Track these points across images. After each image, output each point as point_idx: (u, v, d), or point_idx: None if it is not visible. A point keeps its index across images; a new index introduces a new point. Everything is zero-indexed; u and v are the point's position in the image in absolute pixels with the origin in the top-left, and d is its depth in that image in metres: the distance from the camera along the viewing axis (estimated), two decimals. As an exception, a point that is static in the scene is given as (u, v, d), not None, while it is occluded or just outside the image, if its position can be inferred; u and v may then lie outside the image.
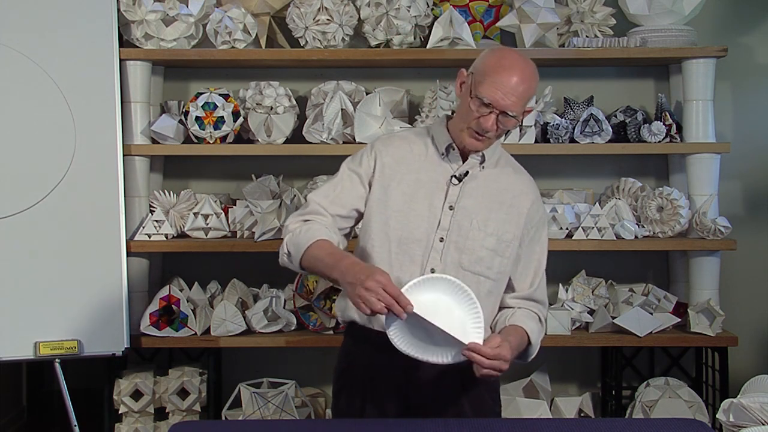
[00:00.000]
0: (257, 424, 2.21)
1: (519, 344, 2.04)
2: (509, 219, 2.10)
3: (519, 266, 2.14)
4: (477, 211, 2.07)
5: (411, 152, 2.12)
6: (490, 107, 1.98)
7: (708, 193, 3.30)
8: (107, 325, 3.04)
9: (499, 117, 1.99)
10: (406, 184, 2.09)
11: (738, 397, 1.98)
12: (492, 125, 1.99)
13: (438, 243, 2.06)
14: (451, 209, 2.07)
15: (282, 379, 3.35)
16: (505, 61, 2.00)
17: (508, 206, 2.11)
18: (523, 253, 2.14)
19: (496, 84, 1.97)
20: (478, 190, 2.09)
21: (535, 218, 2.15)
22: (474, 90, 2.00)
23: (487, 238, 2.07)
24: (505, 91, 1.97)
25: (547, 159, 3.46)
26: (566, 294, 3.30)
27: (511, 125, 2.04)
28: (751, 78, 3.56)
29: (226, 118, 3.24)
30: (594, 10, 3.35)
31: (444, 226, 2.06)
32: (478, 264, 2.06)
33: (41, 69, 3.04)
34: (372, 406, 2.11)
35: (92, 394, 3.29)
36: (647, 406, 3.23)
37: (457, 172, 2.09)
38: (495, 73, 1.98)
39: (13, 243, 2.96)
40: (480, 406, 2.14)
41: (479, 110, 1.99)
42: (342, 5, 3.27)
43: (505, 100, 1.97)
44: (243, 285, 3.37)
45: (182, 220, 3.35)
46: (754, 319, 3.55)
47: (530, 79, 2.01)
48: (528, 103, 2.05)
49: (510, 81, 1.97)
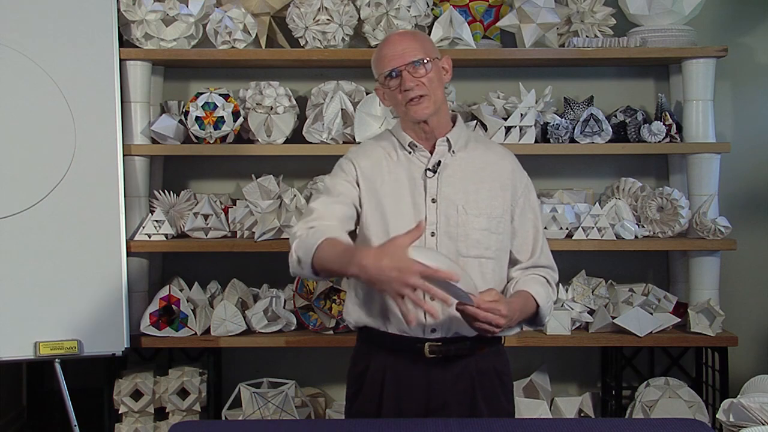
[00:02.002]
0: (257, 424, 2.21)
1: (523, 306, 2.03)
2: (494, 194, 2.11)
3: (516, 240, 2.15)
4: (460, 197, 2.08)
5: (383, 155, 2.14)
6: (396, 72, 2.05)
7: (708, 193, 3.30)
8: (107, 325, 3.04)
9: (410, 72, 2.04)
10: (387, 185, 2.10)
11: (738, 397, 1.98)
12: (410, 80, 2.04)
13: (430, 238, 2.07)
14: (434, 202, 2.08)
15: (282, 379, 3.36)
16: (383, 42, 2.14)
17: (489, 182, 2.11)
18: (518, 224, 2.14)
19: (385, 56, 2.08)
20: (456, 176, 2.10)
21: (520, 186, 2.15)
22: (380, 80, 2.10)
23: (477, 220, 2.08)
24: (393, 52, 2.07)
25: (547, 159, 3.46)
26: (566, 294, 3.30)
27: (432, 73, 2.07)
28: (751, 78, 3.56)
29: (226, 118, 3.24)
30: (594, 10, 3.35)
31: (431, 219, 2.07)
32: (475, 247, 2.07)
33: (41, 69, 3.04)
34: (389, 409, 2.10)
35: (92, 394, 3.29)
36: (647, 406, 3.23)
37: (429, 164, 2.10)
38: (379, 53, 2.11)
39: (13, 243, 2.96)
40: (495, 406, 2.14)
41: (394, 83, 2.07)
42: (342, 5, 3.27)
43: (400, 57, 2.05)
44: (243, 285, 3.37)
45: (182, 220, 3.35)
46: (754, 319, 3.56)
47: (410, 33, 2.15)
48: (426, 47, 2.09)
49: (393, 46, 2.08)
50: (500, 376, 2.16)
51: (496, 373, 2.14)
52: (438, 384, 2.09)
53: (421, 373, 2.08)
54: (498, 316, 1.89)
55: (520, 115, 3.23)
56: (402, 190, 2.09)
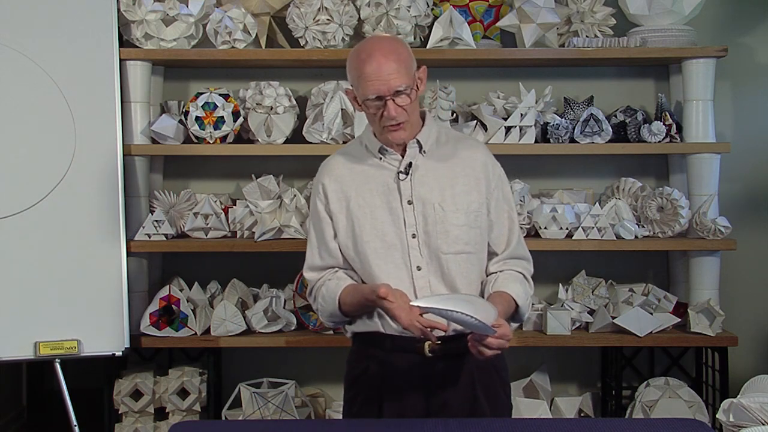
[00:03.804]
0: (257, 424, 2.21)
1: (506, 310, 2.06)
2: (469, 189, 2.11)
3: (493, 232, 2.16)
4: (435, 196, 2.09)
5: (352, 167, 2.14)
6: (381, 98, 2.02)
7: (708, 193, 3.30)
8: (107, 325, 3.04)
9: (395, 99, 2.02)
10: (361, 197, 2.11)
11: (738, 397, 1.98)
12: (395, 110, 2.02)
13: (411, 240, 2.08)
14: (410, 204, 2.09)
15: (282, 379, 3.36)
16: (363, 54, 2.04)
17: (463, 177, 2.12)
18: (494, 217, 2.15)
19: (369, 78, 2.00)
20: (429, 175, 2.11)
21: (494, 179, 2.16)
22: (360, 97, 2.05)
23: (455, 216, 2.08)
24: (379, 77, 2.00)
25: (547, 159, 3.46)
26: (566, 294, 3.30)
27: (414, 96, 2.05)
28: (751, 78, 3.56)
29: (226, 118, 3.24)
30: (594, 10, 3.35)
31: (410, 222, 2.08)
32: (456, 243, 2.08)
33: (41, 69, 3.04)
34: (391, 409, 2.10)
35: (92, 394, 3.29)
36: (647, 406, 3.23)
37: (401, 166, 2.11)
38: (361, 69, 2.02)
39: (13, 243, 2.96)
40: (496, 402, 2.14)
41: (376, 107, 2.03)
42: (342, 5, 3.26)
43: (386, 84, 2.00)
44: (243, 285, 3.37)
45: (182, 220, 3.35)
46: (754, 319, 3.55)
47: (395, 52, 2.03)
48: (410, 69, 2.05)
49: (377, 67, 2.00)
50: (498, 371, 2.17)
51: (494, 368, 2.15)
52: (439, 383, 2.09)
53: (421, 372, 2.08)
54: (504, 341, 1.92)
55: (520, 115, 3.23)
56: (376, 197, 2.10)
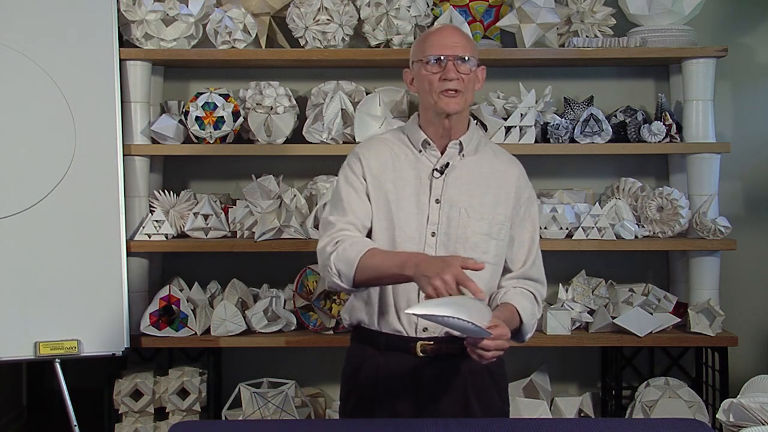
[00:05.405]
0: (257, 424, 2.21)
1: (509, 320, 2.02)
2: (498, 201, 2.12)
3: (513, 247, 2.15)
4: (464, 200, 2.09)
5: (391, 153, 2.14)
6: (443, 59, 2.05)
7: (708, 193, 3.30)
8: (107, 325, 3.04)
9: (456, 65, 2.05)
10: (392, 184, 2.10)
11: (738, 397, 1.98)
12: (454, 72, 2.04)
13: (430, 238, 2.08)
14: (437, 202, 2.09)
15: (282, 379, 3.36)
16: (433, 29, 2.15)
17: (495, 188, 2.12)
18: (515, 233, 2.15)
19: (434, 41, 2.07)
20: (462, 179, 2.11)
21: (523, 196, 2.17)
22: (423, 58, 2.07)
23: (478, 224, 2.08)
24: (445, 41, 2.06)
25: (547, 159, 3.46)
26: (566, 294, 3.30)
27: (470, 75, 2.07)
28: (751, 78, 3.56)
29: (226, 118, 3.24)
30: (594, 10, 3.35)
31: (433, 220, 2.08)
32: (473, 251, 2.07)
33: (41, 69, 3.04)
34: (382, 409, 2.11)
35: (92, 394, 3.29)
36: (647, 406, 3.23)
37: (438, 164, 2.11)
38: (430, 37, 2.10)
39: (13, 243, 2.96)
40: (488, 405, 2.14)
41: (435, 69, 2.06)
42: (342, 5, 3.26)
43: (450, 47, 2.05)
44: (243, 285, 3.37)
45: (182, 220, 3.35)
46: (754, 319, 3.55)
47: (463, 32, 2.13)
48: (474, 50, 2.10)
49: (446, 35, 2.08)
50: (493, 375, 2.16)
51: (488, 372, 2.14)
52: (430, 383, 2.09)
53: (412, 372, 2.09)
54: (503, 341, 1.89)
55: (520, 115, 3.24)
56: (407, 189, 2.10)
